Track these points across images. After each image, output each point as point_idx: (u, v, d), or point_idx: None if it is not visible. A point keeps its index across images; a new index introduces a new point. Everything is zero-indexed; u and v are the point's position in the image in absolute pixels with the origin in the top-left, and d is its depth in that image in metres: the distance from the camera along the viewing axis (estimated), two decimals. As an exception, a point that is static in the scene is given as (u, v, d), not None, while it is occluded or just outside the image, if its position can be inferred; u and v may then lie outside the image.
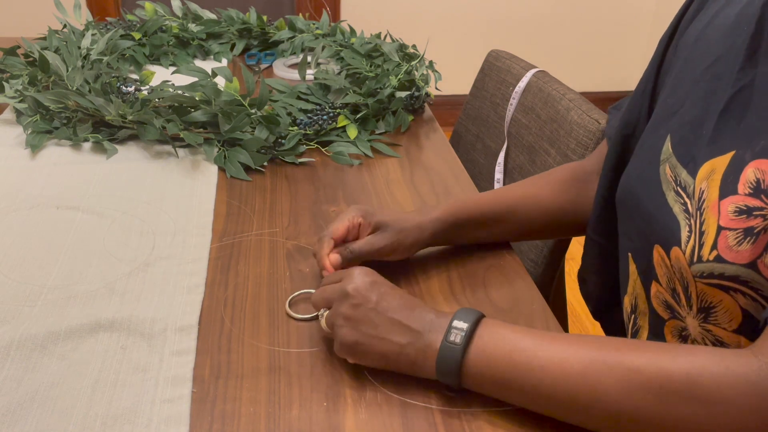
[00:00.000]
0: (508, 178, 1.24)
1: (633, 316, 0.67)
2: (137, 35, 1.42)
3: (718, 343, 0.56)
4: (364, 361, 0.60)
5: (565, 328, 1.07)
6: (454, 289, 0.75)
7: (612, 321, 0.81)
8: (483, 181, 1.31)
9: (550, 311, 0.72)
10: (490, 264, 0.80)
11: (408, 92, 1.19)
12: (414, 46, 1.34)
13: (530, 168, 1.16)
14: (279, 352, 0.65)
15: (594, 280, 0.80)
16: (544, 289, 1.05)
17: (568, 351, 0.52)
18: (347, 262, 0.70)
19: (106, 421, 0.56)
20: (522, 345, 0.54)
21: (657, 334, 0.63)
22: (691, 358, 0.48)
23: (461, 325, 0.56)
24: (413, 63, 1.24)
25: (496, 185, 1.25)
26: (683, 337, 0.60)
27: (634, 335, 0.67)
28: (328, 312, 0.62)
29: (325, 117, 1.10)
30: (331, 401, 0.59)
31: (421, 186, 0.98)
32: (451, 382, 0.56)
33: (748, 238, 0.50)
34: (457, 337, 0.55)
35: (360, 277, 0.60)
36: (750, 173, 0.51)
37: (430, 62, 1.28)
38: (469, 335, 0.55)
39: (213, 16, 1.53)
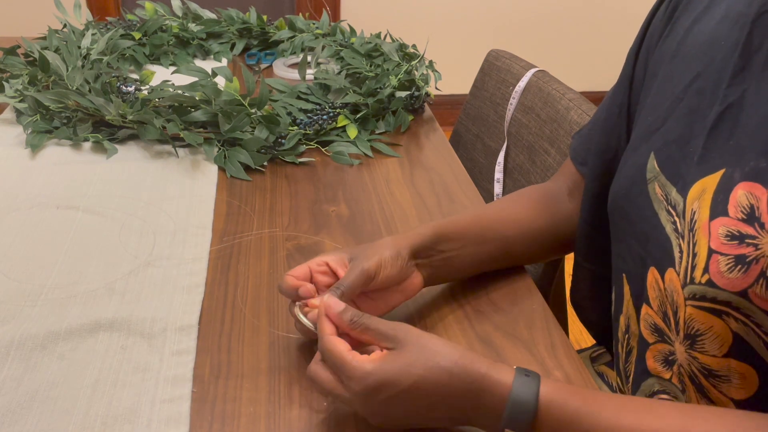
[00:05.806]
0: (508, 177, 1.24)
1: (626, 335, 0.66)
2: (137, 35, 1.42)
3: (705, 370, 0.55)
4: None
5: (565, 328, 1.07)
6: (453, 288, 0.75)
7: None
8: (483, 181, 1.31)
9: (550, 311, 0.72)
10: (490, 264, 0.80)
11: (408, 92, 1.19)
12: (414, 46, 1.34)
13: (530, 168, 1.16)
14: (279, 352, 0.65)
15: (590, 306, 0.79)
16: (544, 289, 1.05)
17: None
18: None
19: (106, 421, 0.56)
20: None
21: (641, 356, 0.63)
22: None
23: None
24: (413, 63, 1.24)
25: (496, 185, 1.25)
26: (669, 362, 0.59)
27: (627, 355, 0.66)
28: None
29: (325, 117, 1.10)
30: (331, 401, 0.59)
31: (421, 186, 0.98)
32: None
33: (740, 266, 0.49)
34: None
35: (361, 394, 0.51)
36: (741, 196, 0.50)
37: (430, 62, 1.28)
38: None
39: (213, 16, 1.52)
